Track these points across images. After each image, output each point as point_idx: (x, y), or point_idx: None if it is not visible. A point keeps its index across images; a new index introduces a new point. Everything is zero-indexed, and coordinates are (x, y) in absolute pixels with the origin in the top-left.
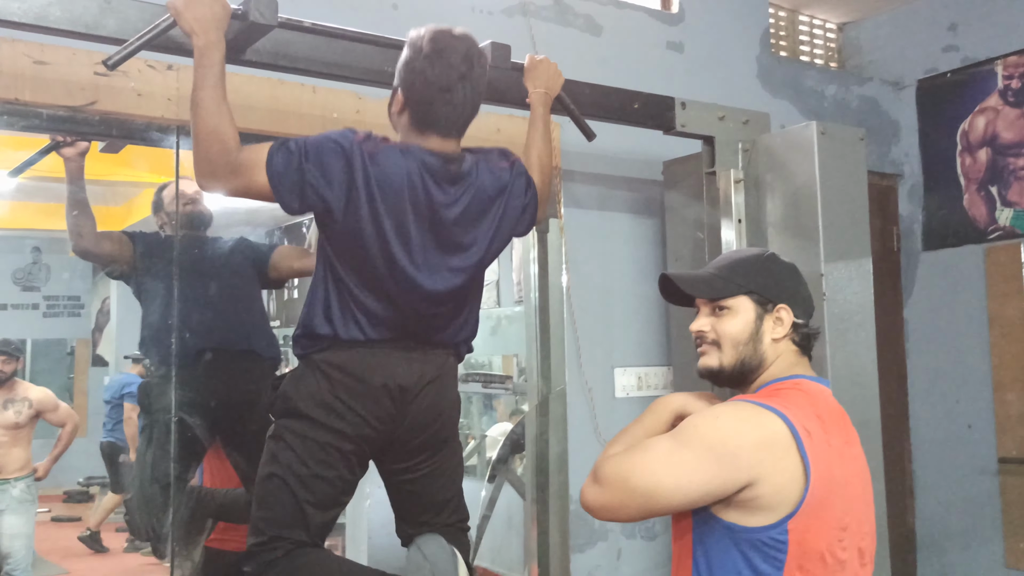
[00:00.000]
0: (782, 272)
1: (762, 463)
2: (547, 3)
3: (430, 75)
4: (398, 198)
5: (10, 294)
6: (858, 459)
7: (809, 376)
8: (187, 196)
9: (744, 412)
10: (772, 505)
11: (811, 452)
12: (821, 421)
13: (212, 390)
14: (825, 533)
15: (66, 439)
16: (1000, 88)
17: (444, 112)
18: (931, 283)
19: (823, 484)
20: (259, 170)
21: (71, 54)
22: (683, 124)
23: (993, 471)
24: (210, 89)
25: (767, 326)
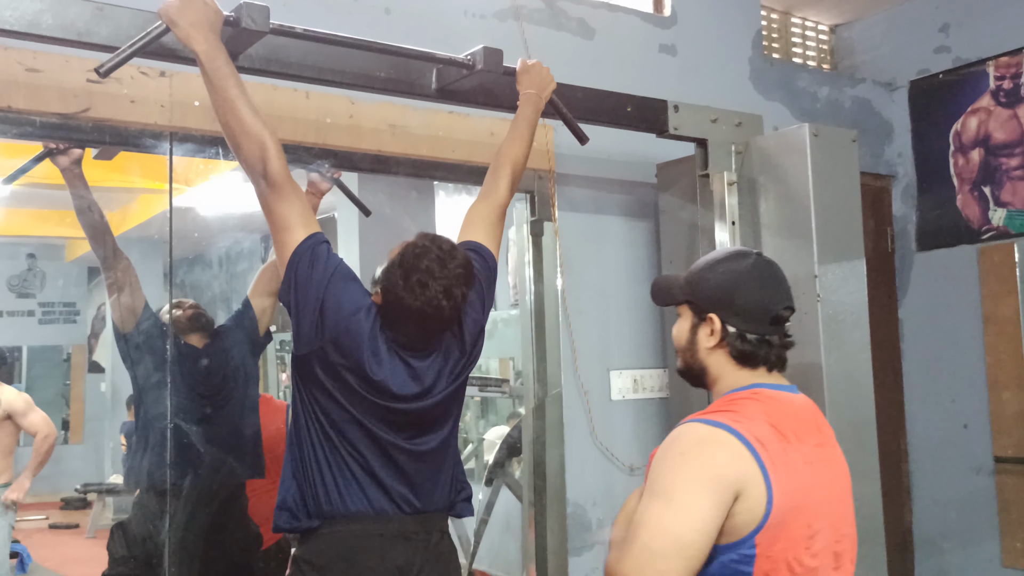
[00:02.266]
0: (720, 280)
1: (736, 482)
2: (539, 6)
3: (408, 303)
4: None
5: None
6: (831, 461)
7: (768, 384)
8: (187, 305)
9: (702, 438)
10: (744, 520)
11: (768, 463)
12: (776, 429)
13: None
14: (791, 543)
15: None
16: (992, 89)
17: (416, 334)
18: (925, 283)
19: (785, 494)
20: (296, 232)
21: (64, 61)
22: (676, 127)
23: (989, 470)
24: (236, 88)
25: (702, 335)
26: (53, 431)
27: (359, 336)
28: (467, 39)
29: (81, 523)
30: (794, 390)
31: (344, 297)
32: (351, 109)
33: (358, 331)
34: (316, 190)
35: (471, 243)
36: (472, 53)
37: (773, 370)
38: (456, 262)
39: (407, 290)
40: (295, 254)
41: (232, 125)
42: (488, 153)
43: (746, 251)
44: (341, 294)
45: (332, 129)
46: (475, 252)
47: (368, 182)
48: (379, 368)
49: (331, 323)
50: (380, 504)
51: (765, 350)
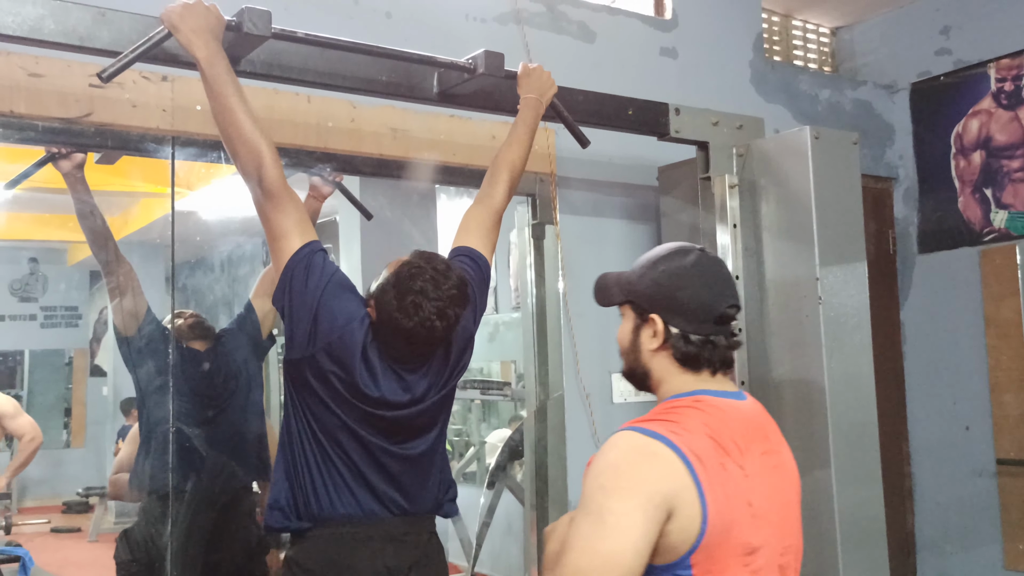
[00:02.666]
0: (661, 279)
1: (671, 495)
2: (540, 10)
3: (401, 323)
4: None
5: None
6: (776, 469)
7: (712, 391)
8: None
9: (637, 449)
10: (678, 539)
11: (704, 480)
12: (715, 441)
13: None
14: (729, 561)
15: (26, 449)
16: (993, 91)
17: (407, 352)
18: (927, 285)
19: (721, 511)
20: (292, 240)
21: (66, 66)
22: (677, 130)
23: (991, 472)
24: (235, 95)
25: (644, 336)
26: (39, 435)
27: (352, 346)
28: (468, 43)
29: (83, 527)
30: (740, 396)
31: (338, 307)
32: (352, 113)
33: (351, 341)
34: (318, 194)
35: (465, 248)
36: (473, 57)
37: (718, 373)
38: (450, 283)
39: (401, 310)
40: (291, 262)
41: (230, 132)
42: (489, 156)
43: (688, 247)
44: (335, 304)
45: (333, 133)
46: (469, 257)
47: (369, 184)
48: (370, 378)
49: (324, 332)
50: (369, 507)
51: (709, 351)
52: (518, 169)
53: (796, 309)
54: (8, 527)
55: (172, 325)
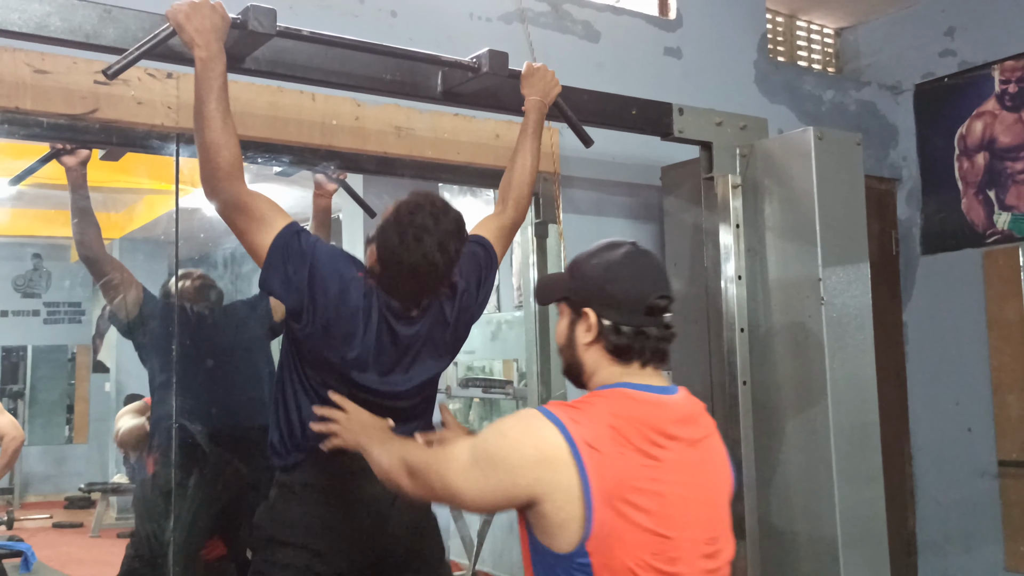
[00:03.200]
0: (593, 272)
1: (539, 480)
2: (545, 9)
3: (403, 258)
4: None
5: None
6: (703, 465)
7: (635, 384)
8: (195, 275)
9: (529, 427)
10: (563, 522)
11: (592, 468)
12: (617, 432)
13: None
14: (634, 549)
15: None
16: (997, 92)
17: (410, 290)
18: (930, 287)
19: (615, 500)
20: (266, 231)
21: (71, 63)
22: (681, 130)
23: (993, 474)
24: (215, 102)
25: (579, 331)
26: (20, 434)
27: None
28: (472, 42)
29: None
30: (669, 391)
31: (329, 278)
32: (357, 111)
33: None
34: (324, 191)
35: (475, 236)
36: (478, 56)
37: (648, 366)
38: (449, 217)
39: (402, 245)
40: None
41: (198, 136)
42: (493, 155)
43: (619, 242)
44: (327, 276)
45: (338, 131)
46: (478, 243)
47: (373, 183)
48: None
49: (320, 308)
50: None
51: (641, 342)
52: (532, 178)
53: (799, 309)
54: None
55: (176, 288)
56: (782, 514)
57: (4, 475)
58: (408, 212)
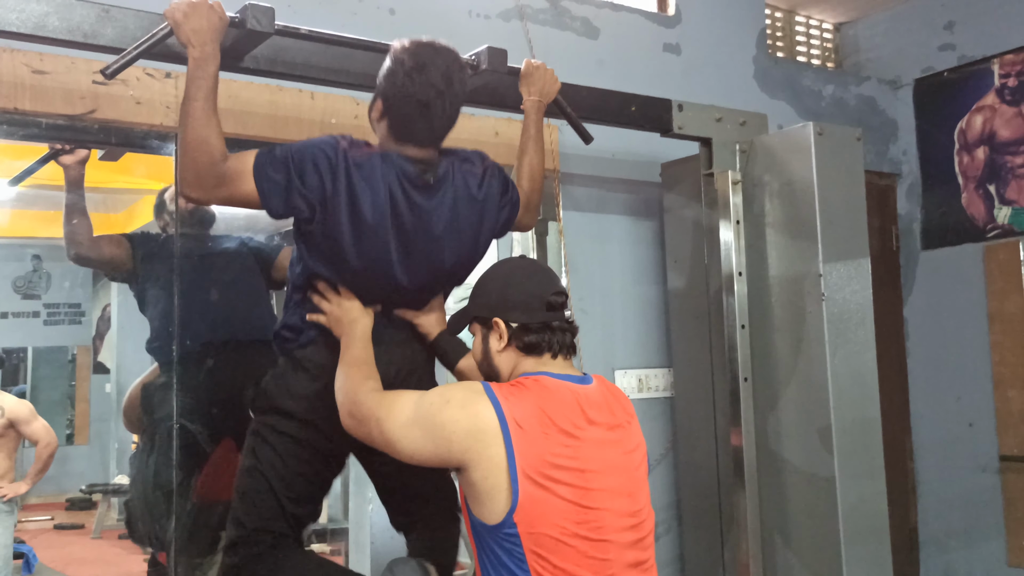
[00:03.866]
0: (491, 286)
1: (470, 449)
2: (543, 6)
3: (410, 89)
4: (379, 203)
5: (11, 302)
6: (620, 444)
7: (552, 373)
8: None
9: (469, 399)
10: (489, 492)
11: (518, 442)
12: (544, 413)
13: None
14: (557, 519)
15: (42, 455)
16: (997, 86)
17: (422, 125)
18: (930, 282)
19: (537, 472)
20: (246, 178)
21: (70, 63)
22: (680, 126)
23: (995, 469)
24: (202, 100)
25: (492, 342)
26: (54, 440)
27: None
28: (472, 39)
29: (86, 523)
30: (584, 380)
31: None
32: (356, 109)
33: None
34: None
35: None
36: (477, 53)
37: (559, 356)
38: (447, 49)
39: (406, 77)
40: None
41: (182, 134)
42: (493, 152)
43: (510, 257)
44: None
45: (337, 129)
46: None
47: None
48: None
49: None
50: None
51: (548, 336)
52: (538, 172)
53: (799, 305)
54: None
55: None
56: (784, 510)
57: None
58: (401, 50)
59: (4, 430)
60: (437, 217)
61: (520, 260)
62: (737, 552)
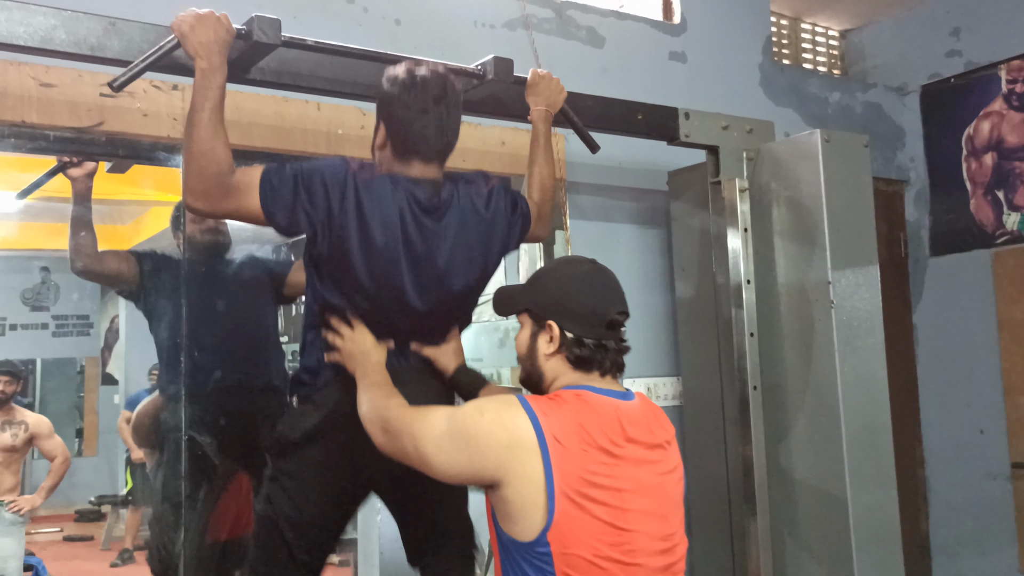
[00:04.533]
0: (555, 286)
1: (506, 463)
2: (549, 16)
3: (406, 98)
4: (389, 225)
5: (19, 314)
6: (658, 465)
7: (595, 387)
8: (207, 222)
9: (505, 412)
10: (524, 508)
11: (556, 460)
12: (583, 428)
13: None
14: (591, 540)
15: (58, 471)
16: (1004, 92)
17: (423, 134)
18: (939, 288)
19: (574, 492)
20: (252, 192)
21: (77, 76)
22: (687, 134)
23: (1006, 475)
24: (209, 112)
25: (541, 342)
26: (69, 456)
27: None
28: (477, 49)
29: (95, 535)
30: (626, 396)
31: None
32: (362, 120)
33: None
34: None
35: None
36: (483, 63)
37: (607, 375)
38: (439, 66)
39: (403, 91)
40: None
41: (187, 146)
42: (499, 162)
43: (580, 258)
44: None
45: (344, 140)
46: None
47: None
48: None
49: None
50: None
51: (601, 355)
52: (548, 182)
53: (808, 313)
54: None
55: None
56: (795, 519)
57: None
58: (394, 71)
59: (23, 445)
60: (446, 239)
61: (589, 266)
62: (747, 561)
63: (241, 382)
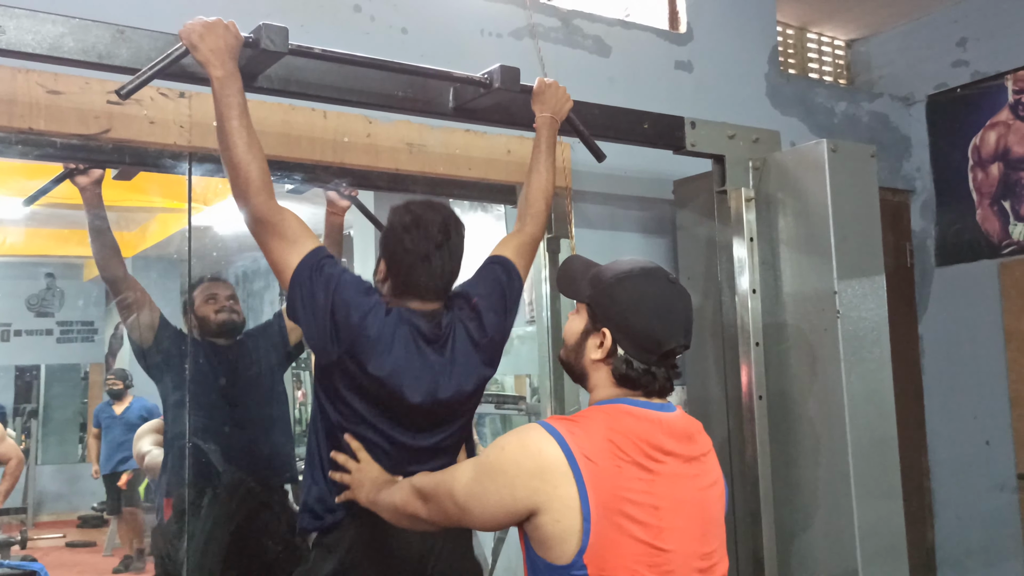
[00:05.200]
0: (624, 297)
1: (538, 492)
2: (555, 25)
3: (409, 244)
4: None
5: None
6: (697, 480)
7: (634, 400)
8: (221, 301)
9: (528, 439)
10: (561, 535)
11: (590, 479)
12: (615, 445)
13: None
14: (629, 561)
15: (14, 475)
16: (1011, 102)
17: (424, 280)
18: (945, 299)
19: (610, 511)
20: (294, 253)
21: (84, 83)
22: (693, 143)
23: (1012, 487)
24: (237, 119)
25: (591, 345)
26: (22, 458)
27: (376, 338)
28: (483, 58)
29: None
30: (667, 408)
31: (353, 303)
32: (369, 128)
33: (374, 334)
34: (337, 209)
35: (498, 256)
36: (489, 72)
37: (651, 397)
38: (441, 206)
39: (404, 233)
40: (296, 275)
41: (224, 154)
42: (505, 170)
43: (657, 271)
44: (350, 301)
45: (350, 148)
46: (500, 265)
47: (385, 200)
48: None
49: (344, 331)
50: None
51: (648, 380)
52: (548, 189)
53: (814, 323)
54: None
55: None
56: (801, 530)
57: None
58: (404, 211)
59: None
60: (447, 372)
61: (666, 286)
62: (753, 572)
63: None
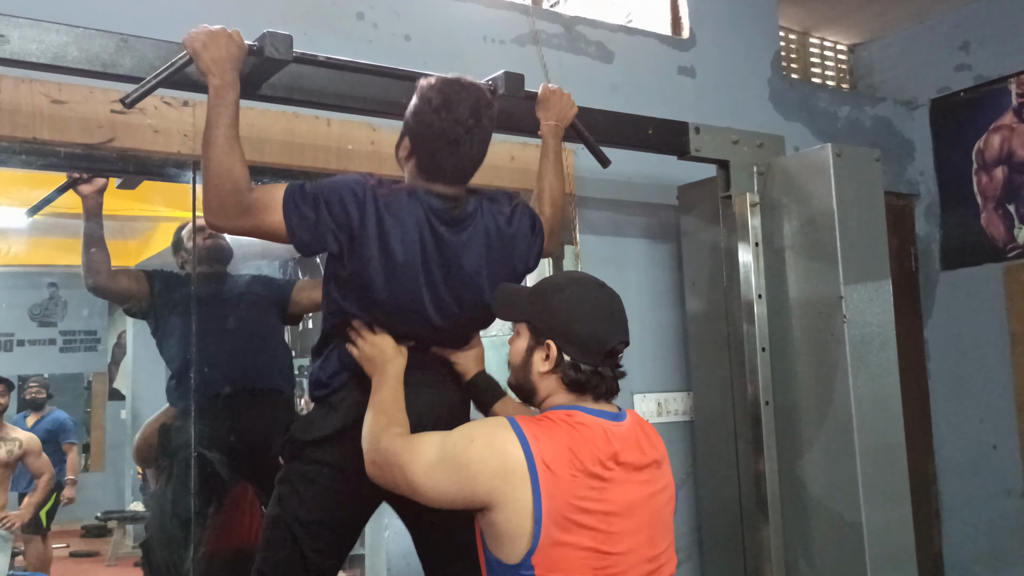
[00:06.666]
0: (562, 308)
1: (496, 490)
2: (558, 31)
3: (437, 127)
4: (409, 240)
5: (27, 329)
6: (648, 486)
7: (587, 408)
8: (207, 231)
9: (495, 437)
10: (512, 534)
11: (545, 485)
12: (572, 453)
13: (233, 430)
14: (576, 565)
15: (46, 489)
16: (1015, 106)
17: (450, 163)
18: (950, 302)
19: (561, 515)
20: (273, 210)
21: (88, 92)
22: (697, 149)
23: (1020, 492)
24: (224, 128)
25: (536, 358)
26: (53, 472)
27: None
28: (487, 64)
29: (102, 551)
30: (617, 417)
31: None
32: (372, 136)
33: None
34: None
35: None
36: (493, 78)
37: (600, 399)
38: (474, 86)
39: (434, 114)
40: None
41: (204, 163)
42: (509, 177)
43: (590, 279)
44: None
45: (353, 156)
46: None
47: None
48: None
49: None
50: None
51: (596, 381)
52: (558, 196)
53: (821, 328)
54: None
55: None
56: (808, 536)
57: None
58: (428, 87)
59: (15, 461)
60: (467, 253)
61: (599, 292)
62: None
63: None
